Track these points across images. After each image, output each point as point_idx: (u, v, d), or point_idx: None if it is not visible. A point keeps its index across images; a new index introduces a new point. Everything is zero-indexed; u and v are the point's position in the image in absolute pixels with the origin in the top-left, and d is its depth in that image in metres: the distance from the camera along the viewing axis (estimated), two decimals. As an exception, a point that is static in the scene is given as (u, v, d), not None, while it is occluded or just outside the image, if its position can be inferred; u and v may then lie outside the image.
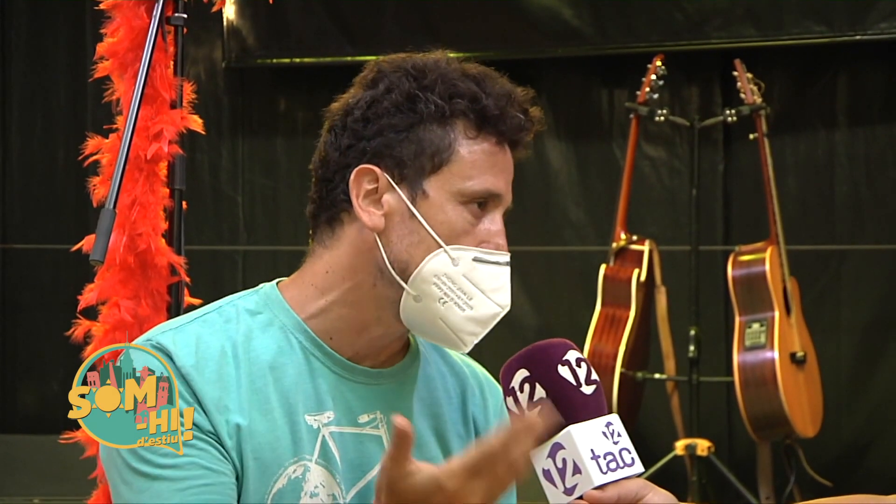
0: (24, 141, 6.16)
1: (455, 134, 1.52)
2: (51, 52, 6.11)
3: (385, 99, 1.53)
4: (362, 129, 1.54)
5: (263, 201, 6.02)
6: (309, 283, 1.56)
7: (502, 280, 1.53)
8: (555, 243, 5.70)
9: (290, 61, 5.86)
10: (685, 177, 5.47)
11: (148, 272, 2.53)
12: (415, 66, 1.54)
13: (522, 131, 1.55)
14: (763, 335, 4.65)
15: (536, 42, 5.62)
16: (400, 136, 1.52)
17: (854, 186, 5.52)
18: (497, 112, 1.52)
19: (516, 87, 1.57)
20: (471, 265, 1.51)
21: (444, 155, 1.51)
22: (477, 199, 1.52)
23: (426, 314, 1.50)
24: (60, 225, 6.00)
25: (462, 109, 1.52)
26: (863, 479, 5.28)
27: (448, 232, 1.51)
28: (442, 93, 1.52)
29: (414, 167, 1.51)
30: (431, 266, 1.50)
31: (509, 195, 1.56)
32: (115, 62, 2.57)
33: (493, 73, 1.57)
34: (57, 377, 5.85)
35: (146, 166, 2.53)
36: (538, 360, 1.44)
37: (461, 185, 1.51)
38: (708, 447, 4.71)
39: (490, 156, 1.53)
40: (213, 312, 1.55)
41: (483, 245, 1.52)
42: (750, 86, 4.86)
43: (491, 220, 1.53)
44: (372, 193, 1.52)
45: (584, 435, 1.40)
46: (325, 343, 1.54)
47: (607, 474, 1.39)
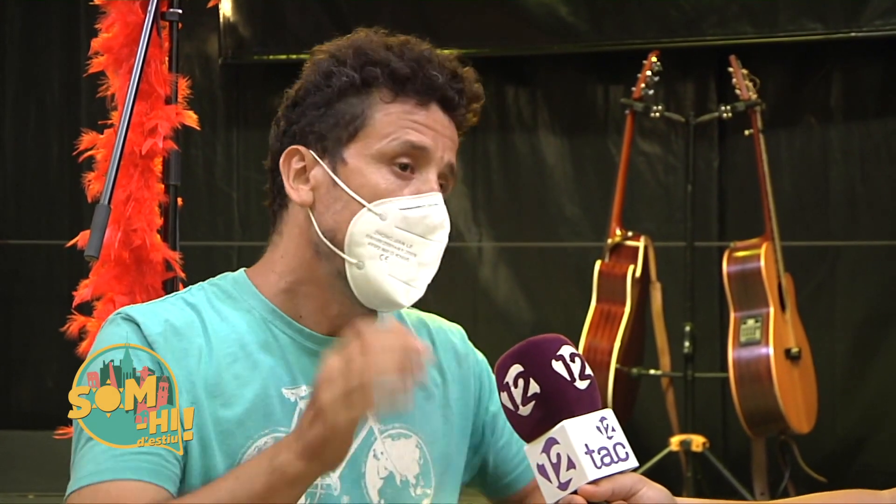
0: (18, 136, 6.15)
1: (371, 101, 1.54)
2: (45, 48, 6.10)
3: (308, 81, 1.58)
4: (291, 113, 1.58)
5: (258, 197, 5.99)
6: (270, 269, 1.58)
7: (437, 219, 1.52)
8: (550, 239, 5.70)
9: (287, 57, 5.85)
10: (680, 173, 5.47)
11: (143, 268, 2.53)
12: (336, 45, 1.58)
13: (446, 90, 1.54)
14: (758, 331, 4.66)
15: (532, 38, 5.62)
16: (320, 111, 1.55)
17: (849, 182, 5.52)
18: (407, 71, 1.53)
19: (442, 53, 1.57)
20: (400, 215, 1.51)
21: (359, 121, 1.53)
22: (397, 156, 1.52)
23: (373, 276, 1.51)
24: (55, 220, 5.99)
25: (374, 76, 1.54)
26: (857, 475, 5.28)
27: (370, 194, 1.51)
28: (354, 64, 1.55)
29: (332, 139, 1.54)
30: (360, 227, 1.51)
31: (444, 153, 1.55)
32: (110, 58, 2.57)
33: (414, 41, 1.58)
34: (51, 373, 5.85)
35: (141, 162, 2.53)
36: (532, 356, 1.44)
37: (377, 145, 1.52)
38: (703, 443, 4.71)
39: (409, 114, 1.53)
40: (181, 295, 1.58)
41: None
42: (745, 82, 4.86)
43: (423, 180, 1.53)
44: (301, 172, 1.55)
45: (578, 429, 1.40)
46: (295, 321, 1.55)
47: (601, 469, 1.39)
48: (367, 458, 1.55)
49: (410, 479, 1.58)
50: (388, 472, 1.56)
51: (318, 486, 1.51)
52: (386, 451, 1.56)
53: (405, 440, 1.59)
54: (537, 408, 1.42)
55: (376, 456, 1.56)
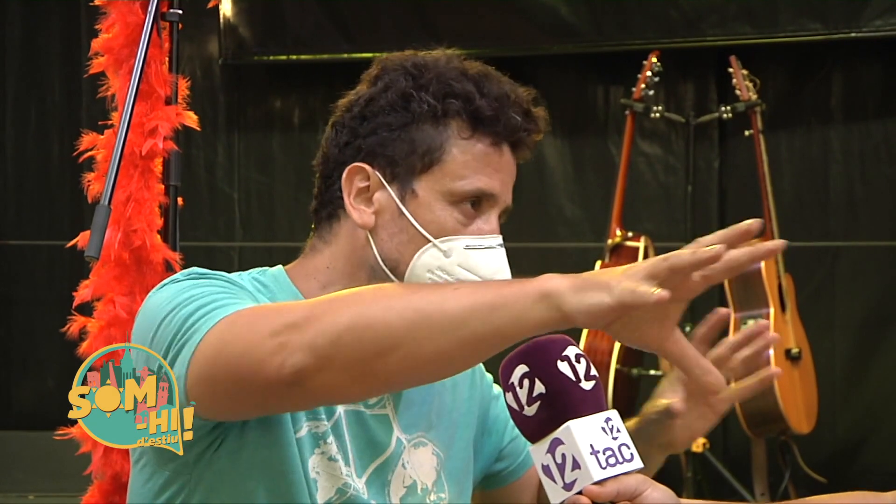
0: (19, 137, 6.15)
1: (448, 134, 1.52)
2: (45, 48, 6.10)
3: (382, 97, 1.54)
4: (359, 126, 1.54)
5: (259, 197, 6.02)
6: (312, 275, 1.57)
7: (499, 262, 1.53)
8: (550, 240, 5.70)
9: (287, 58, 5.86)
10: (680, 173, 5.47)
11: (143, 268, 2.53)
12: (414, 65, 1.54)
13: (520, 132, 1.54)
14: (758, 332, 4.65)
15: (533, 39, 5.62)
16: (393, 134, 1.52)
17: (849, 183, 5.52)
18: (491, 113, 1.52)
19: (518, 88, 1.56)
20: (464, 254, 1.51)
21: (436, 154, 1.51)
22: (468, 199, 1.52)
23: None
24: (55, 221, 5.99)
25: (456, 110, 1.52)
26: (857, 476, 5.28)
27: (437, 231, 1.51)
28: (436, 92, 1.52)
29: (405, 166, 1.52)
30: (423, 261, 1.51)
31: (507, 195, 1.55)
32: (110, 58, 2.57)
33: (493, 73, 1.56)
34: (52, 373, 5.85)
35: (141, 162, 2.53)
36: (537, 356, 1.44)
37: (451, 185, 1.51)
38: (703, 444, 4.71)
39: (484, 156, 1.53)
40: (228, 275, 1.56)
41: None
42: (745, 82, 4.86)
43: (485, 220, 1.53)
44: (364, 191, 1.53)
45: (583, 430, 1.40)
46: None
47: (606, 469, 1.39)
48: (395, 466, 1.56)
49: (429, 486, 1.59)
50: (413, 481, 1.57)
51: (350, 487, 1.51)
52: (411, 461, 1.57)
53: (423, 448, 1.60)
54: (542, 408, 1.42)
55: (404, 465, 1.56)
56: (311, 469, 1.49)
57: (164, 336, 1.41)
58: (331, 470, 1.50)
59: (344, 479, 1.50)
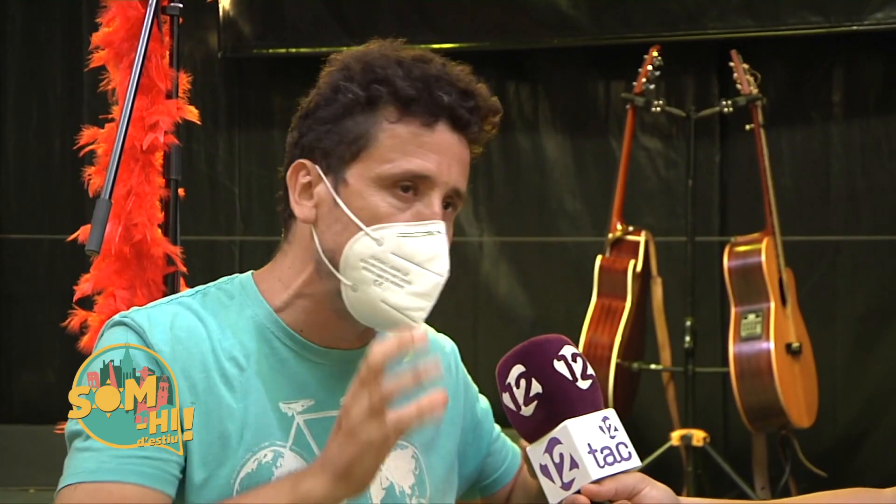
0: (20, 131, 6.14)
1: (375, 119, 1.51)
2: (46, 42, 6.10)
3: (318, 94, 1.55)
4: (302, 125, 1.56)
5: (260, 192, 6.02)
6: (277, 277, 1.57)
7: (436, 248, 1.49)
8: (551, 234, 5.70)
9: (287, 51, 5.85)
10: (681, 167, 5.47)
11: (144, 262, 2.53)
12: (350, 56, 1.55)
13: (455, 110, 1.51)
14: (759, 326, 4.65)
15: (532, 33, 5.61)
16: (326, 127, 1.52)
17: (850, 177, 5.52)
18: (412, 93, 1.50)
19: (454, 68, 1.54)
20: (397, 242, 1.48)
21: (362, 142, 1.50)
22: (398, 183, 1.49)
23: (366, 300, 1.48)
24: (56, 215, 5.99)
25: (380, 95, 1.50)
26: (858, 470, 5.28)
27: (369, 217, 1.49)
28: (361, 81, 1.51)
29: (336, 156, 1.51)
30: (356, 250, 1.48)
31: (448, 177, 1.52)
32: (111, 52, 2.56)
33: (427, 56, 1.54)
34: (53, 367, 5.85)
35: (142, 156, 2.53)
36: (534, 356, 1.44)
37: (378, 169, 1.50)
38: (703, 438, 4.71)
39: (413, 137, 1.50)
40: (188, 296, 1.56)
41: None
42: (746, 76, 4.86)
43: (425, 203, 1.50)
44: (307, 187, 1.54)
45: (580, 429, 1.40)
46: (297, 333, 1.54)
47: (605, 468, 1.39)
48: None
49: (406, 490, 1.58)
50: (389, 483, 1.56)
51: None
52: (386, 463, 1.54)
53: (402, 451, 1.59)
54: (539, 408, 1.42)
55: (379, 468, 1.56)
56: None
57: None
58: None
59: None
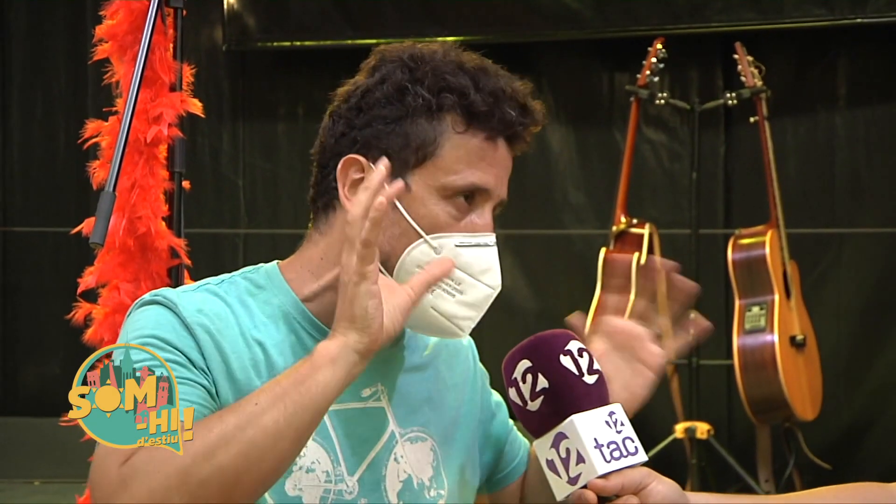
0: (25, 124, 6.15)
1: (442, 128, 1.51)
2: (51, 36, 6.11)
3: (378, 89, 1.53)
4: (355, 117, 1.54)
5: (264, 185, 6.02)
6: (306, 267, 1.56)
7: (489, 261, 1.53)
8: (555, 227, 5.70)
9: (291, 45, 5.85)
10: (685, 160, 5.47)
11: (148, 255, 2.53)
12: (411, 57, 1.54)
13: (515, 127, 1.54)
14: (763, 318, 4.66)
15: (537, 25, 5.61)
16: (388, 127, 1.52)
17: (854, 169, 5.51)
18: (486, 108, 1.51)
19: (515, 81, 1.56)
20: (454, 251, 1.50)
21: (429, 149, 1.50)
22: (461, 194, 1.51)
23: (418, 306, 1.48)
24: (61, 208, 6.00)
25: (451, 104, 1.51)
26: (862, 462, 5.29)
27: (429, 226, 1.50)
28: (431, 86, 1.51)
29: (399, 160, 1.50)
30: (413, 257, 1.50)
31: (501, 189, 1.55)
32: (115, 45, 2.56)
33: (489, 67, 1.55)
34: (58, 359, 5.87)
35: (146, 149, 2.53)
36: (540, 351, 1.44)
37: (444, 179, 1.51)
38: (707, 430, 4.71)
39: (478, 151, 1.52)
40: (215, 283, 1.57)
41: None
42: (750, 69, 4.85)
43: (478, 214, 1.53)
44: (358, 183, 1.52)
45: (587, 424, 1.40)
46: (324, 325, 1.54)
47: (611, 463, 1.39)
48: (388, 461, 1.56)
49: (425, 482, 1.58)
50: (407, 476, 1.56)
51: (330, 492, 1.51)
52: (405, 455, 1.56)
53: (421, 443, 1.59)
54: (546, 403, 1.42)
55: (397, 459, 1.56)
56: (292, 488, 1.49)
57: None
58: (310, 481, 1.49)
59: (324, 486, 1.50)
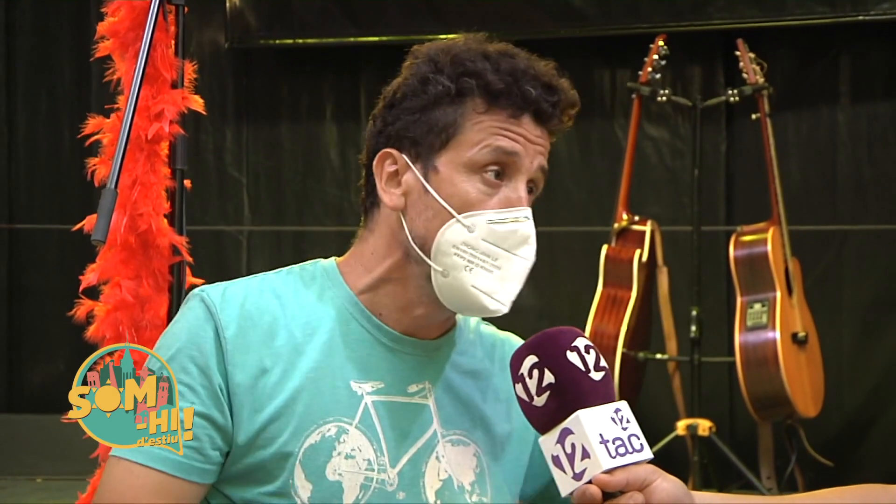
0: (30, 122, 6.17)
1: (463, 110, 1.55)
2: (55, 33, 6.12)
3: (405, 84, 1.58)
4: (387, 114, 1.59)
5: (267, 182, 6.03)
6: (358, 263, 1.60)
7: (524, 234, 1.56)
8: (556, 223, 5.70)
9: (294, 42, 5.86)
10: (687, 157, 5.47)
11: (149, 252, 2.53)
12: (436, 49, 1.58)
13: (541, 104, 1.56)
14: (765, 315, 4.66)
15: (539, 23, 5.62)
16: (414, 117, 1.56)
17: (856, 166, 5.52)
18: (503, 86, 1.54)
19: (538, 62, 1.60)
20: (488, 228, 1.53)
21: (451, 130, 1.54)
22: (488, 166, 1.54)
23: (457, 286, 1.52)
24: (66, 205, 6.01)
25: (470, 87, 1.54)
26: (864, 459, 5.29)
27: (460, 203, 1.53)
28: (451, 73, 1.55)
29: (425, 145, 1.55)
30: (447, 237, 1.52)
31: (532, 164, 1.57)
32: (116, 42, 2.56)
33: (512, 51, 1.59)
34: (63, 357, 5.88)
35: (147, 146, 2.53)
36: (547, 347, 1.44)
37: (468, 153, 1.53)
38: (709, 427, 4.72)
39: (501, 125, 1.54)
40: (273, 273, 1.61)
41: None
42: (752, 66, 4.86)
43: (511, 188, 1.55)
44: (394, 175, 1.57)
45: (592, 419, 1.40)
46: (376, 317, 1.58)
47: (616, 459, 1.39)
48: (429, 458, 1.57)
49: (466, 486, 1.59)
50: (448, 475, 1.57)
51: (373, 480, 1.52)
52: (447, 455, 1.57)
53: (464, 447, 1.60)
54: (552, 398, 1.42)
55: (438, 458, 1.57)
56: (332, 472, 1.51)
57: None
58: (349, 467, 1.51)
59: (365, 474, 1.52)
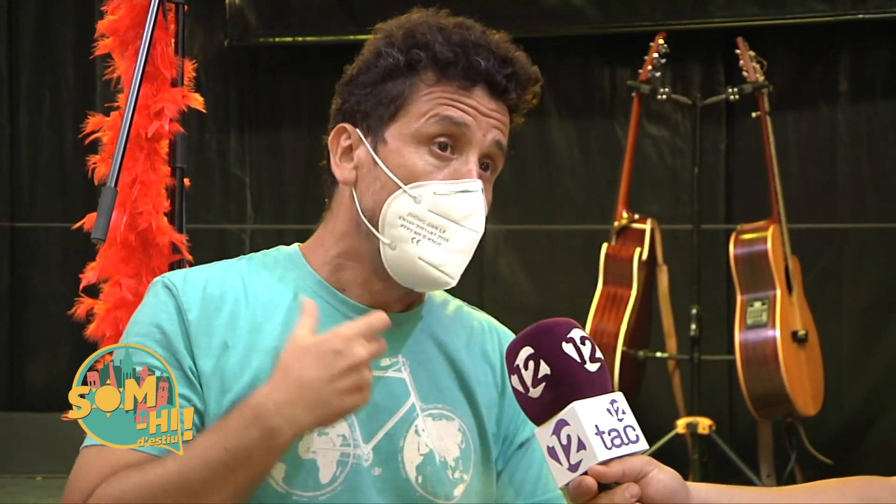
0: (33, 121, 6.17)
1: (414, 81, 1.54)
2: (59, 32, 6.12)
3: (361, 60, 1.58)
4: (344, 90, 1.59)
5: (270, 180, 6.03)
6: (320, 243, 1.61)
7: (471, 206, 1.52)
8: (556, 222, 5.71)
9: (293, 40, 5.86)
10: (687, 155, 5.47)
11: (149, 250, 2.54)
12: (392, 24, 1.59)
13: (494, 76, 1.54)
14: (764, 314, 4.66)
15: (539, 21, 5.62)
16: (366, 91, 1.56)
17: (856, 165, 5.51)
18: (450, 56, 1.53)
19: (494, 35, 1.58)
20: (434, 199, 1.51)
21: (400, 101, 1.53)
22: (436, 136, 1.53)
23: (405, 258, 1.51)
24: (68, 204, 6.01)
25: (419, 59, 1.54)
26: (863, 457, 5.29)
27: (407, 174, 1.52)
28: (402, 46, 1.55)
29: (375, 117, 1.55)
30: (394, 208, 1.52)
31: (488, 133, 1.54)
32: (116, 40, 2.57)
33: (467, 24, 1.59)
34: (65, 355, 5.88)
35: (147, 144, 2.54)
36: (543, 338, 1.44)
37: (416, 124, 1.53)
38: (709, 425, 4.72)
39: (450, 96, 1.53)
40: (234, 259, 1.61)
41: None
42: (752, 64, 4.86)
43: (462, 161, 1.53)
44: (348, 151, 1.57)
45: (588, 411, 1.40)
46: (339, 291, 1.58)
47: (612, 450, 1.38)
48: (407, 432, 1.55)
49: (449, 462, 1.58)
50: (429, 450, 1.56)
51: (349, 457, 1.52)
52: (427, 429, 1.56)
53: (447, 422, 1.59)
54: (547, 390, 1.42)
55: (418, 432, 1.56)
56: (305, 450, 1.50)
57: None
58: (323, 444, 1.50)
59: (341, 450, 1.51)
